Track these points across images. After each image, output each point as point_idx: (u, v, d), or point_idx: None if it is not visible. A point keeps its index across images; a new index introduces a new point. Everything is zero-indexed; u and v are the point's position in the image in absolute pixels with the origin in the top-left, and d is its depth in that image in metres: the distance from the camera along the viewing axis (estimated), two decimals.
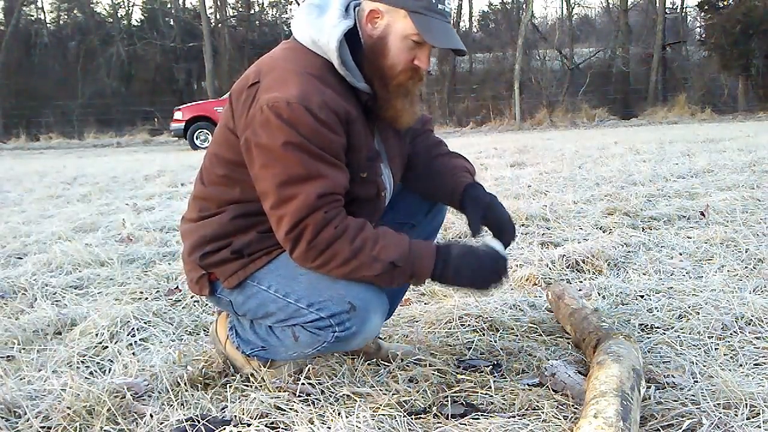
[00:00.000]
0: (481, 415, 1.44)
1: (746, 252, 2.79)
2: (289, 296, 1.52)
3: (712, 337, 1.87)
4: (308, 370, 1.64)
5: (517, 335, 1.97)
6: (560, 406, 1.47)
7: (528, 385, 1.60)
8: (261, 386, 1.59)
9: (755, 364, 1.69)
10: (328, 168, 1.42)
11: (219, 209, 1.55)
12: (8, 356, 1.90)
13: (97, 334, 2.01)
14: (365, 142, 1.52)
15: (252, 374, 1.64)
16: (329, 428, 1.34)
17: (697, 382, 1.56)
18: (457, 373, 1.68)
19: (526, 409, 1.46)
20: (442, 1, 1.48)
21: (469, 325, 2.03)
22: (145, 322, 2.12)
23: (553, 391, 1.54)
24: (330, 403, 1.50)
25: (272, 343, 1.61)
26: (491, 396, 1.54)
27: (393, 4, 1.47)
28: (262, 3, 30.19)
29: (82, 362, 1.83)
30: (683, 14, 25.70)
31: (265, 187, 1.44)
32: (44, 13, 29.94)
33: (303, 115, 1.39)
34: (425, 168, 1.72)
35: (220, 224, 1.54)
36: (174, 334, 2.05)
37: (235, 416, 1.43)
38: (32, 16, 29.08)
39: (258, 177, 1.45)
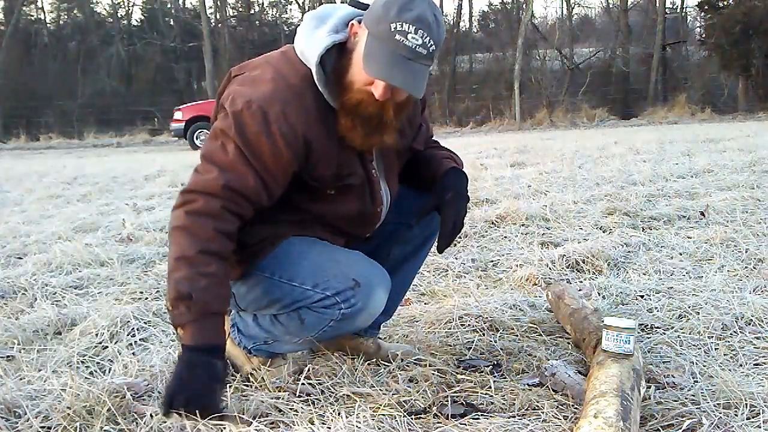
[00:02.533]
0: (481, 415, 1.44)
1: (746, 252, 2.79)
2: (293, 280, 1.53)
3: (712, 337, 1.87)
4: (308, 370, 1.64)
5: (517, 335, 1.97)
6: (560, 406, 1.47)
7: (528, 385, 1.60)
8: (261, 386, 1.59)
9: (755, 364, 1.69)
10: (249, 170, 1.42)
11: None
12: (8, 356, 1.90)
13: (97, 334, 2.01)
14: (335, 161, 1.50)
15: (252, 374, 1.65)
16: (329, 428, 1.33)
17: (697, 382, 1.57)
18: (457, 373, 1.68)
19: (526, 409, 1.46)
20: (404, 33, 1.35)
21: (469, 325, 2.03)
22: (145, 322, 2.12)
23: (553, 391, 1.54)
24: (330, 403, 1.50)
25: (276, 333, 1.61)
26: (491, 396, 1.54)
27: (365, 23, 1.43)
28: (262, 3, 30.20)
29: (82, 362, 1.83)
30: (683, 14, 25.71)
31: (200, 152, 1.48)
32: (44, 13, 29.98)
33: (253, 120, 1.40)
34: (414, 157, 1.73)
35: None
36: (174, 334, 2.05)
37: (235, 416, 1.43)
38: (32, 16, 29.12)
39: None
